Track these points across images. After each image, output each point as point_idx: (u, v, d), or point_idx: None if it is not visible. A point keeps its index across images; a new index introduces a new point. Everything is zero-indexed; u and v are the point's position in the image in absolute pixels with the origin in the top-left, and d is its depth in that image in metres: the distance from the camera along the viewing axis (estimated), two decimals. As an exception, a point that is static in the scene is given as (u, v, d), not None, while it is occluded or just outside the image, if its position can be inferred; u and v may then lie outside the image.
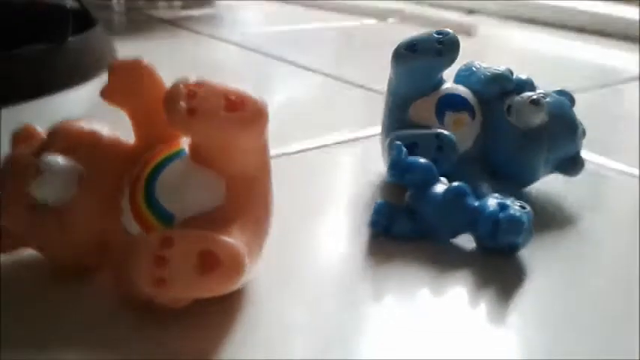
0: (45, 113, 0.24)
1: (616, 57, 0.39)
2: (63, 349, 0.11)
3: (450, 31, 0.17)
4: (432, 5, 0.51)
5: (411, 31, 0.43)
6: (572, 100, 0.18)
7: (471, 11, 0.50)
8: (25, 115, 0.23)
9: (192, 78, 0.12)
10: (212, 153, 0.12)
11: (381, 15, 0.46)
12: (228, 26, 0.44)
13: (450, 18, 0.46)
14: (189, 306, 0.12)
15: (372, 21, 0.46)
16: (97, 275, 0.13)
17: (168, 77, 0.31)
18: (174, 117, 0.11)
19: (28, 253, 0.13)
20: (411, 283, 0.14)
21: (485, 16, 0.49)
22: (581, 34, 0.44)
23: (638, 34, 0.42)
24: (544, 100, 0.17)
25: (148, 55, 0.36)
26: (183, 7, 0.44)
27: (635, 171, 0.20)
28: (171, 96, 0.11)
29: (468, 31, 0.34)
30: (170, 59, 0.34)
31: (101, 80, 0.27)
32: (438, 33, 0.17)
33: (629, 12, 0.44)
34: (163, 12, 0.44)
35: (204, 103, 0.11)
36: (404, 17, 0.46)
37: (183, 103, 0.11)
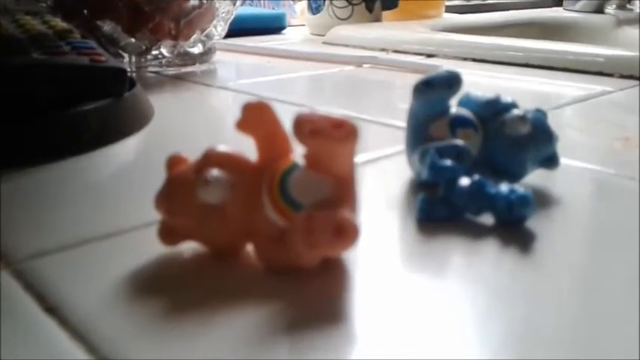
0: (112, 158, 0.29)
1: (556, 85, 0.46)
2: (227, 305, 0.16)
3: (456, 70, 0.23)
4: (397, 52, 0.58)
5: (384, 73, 0.49)
6: (545, 115, 0.24)
7: (430, 55, 0.57)
8: (97, 161, 0.28)
9: (308, 110, 0.17)
10: (322, 160, 0.17)
11: (357, 62, 0.53)
12: (224, 78, 0.49)
13: (415, 61, 0.52)
14: (311, 271, 0.17)
15: (350, 67, 0.52)
16: (242, 253, 0.18)
17: (193, 118, 0.37)
18: (301, 136, 0.16)
19: (188, 245, 0.18)
20: (451, 249, 0.19)
21: (443, 57, 0.56)
22: (526, 68, 0.51)
23: (574, 65, 0.49)
24: (528, 116, 0.23)
25: (170, 103, 0.42)
26: (184, 65, 0.49)
27: (588, 165, 0.27)
28: (298, 122, 0.16)
29: (435, 71, 0.41)
30: (186, 104, 0.39)
31: (148, 131, 0.31)
32: (447, 72, 0.23)
33: (568, 47, 0.52)
34: (166, 69, 0.49)
35: (320, 125, 0.17)
36: (376, 63, 0.52)
37: (306, 127, 0.16)
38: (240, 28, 0.62)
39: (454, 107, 0.24)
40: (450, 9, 0.98)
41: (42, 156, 0.26)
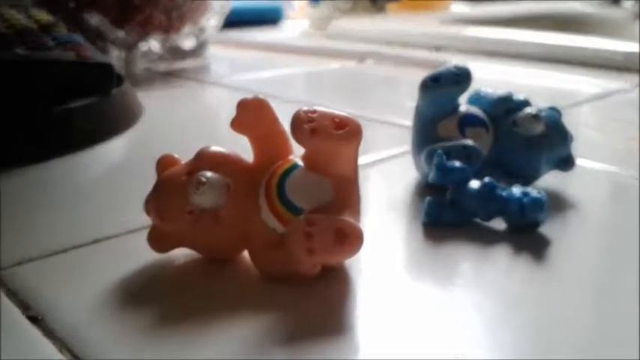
0: (99, 159, 0.29)
1: (572, 82, 0.46)
2: (221, 315, 0.16)
3: (466, 65, 0.23)
4: (403, 46, 0.58)
5: (389, 69, 0.49)
6: (560, 114, 0.24)
7: (438, 48, 0.57)
8: (84, 162, 0.27)
9: (307, 107, 0.17)
10: (323, 162, 0.17)
11: (360, 57, 0.53)
12: (218, 74, 0.49)
13: (421, 56, 0.52)
14: (311, 278, 0.17)
15: (352, 62, 0.52)
16: (238, 260, 0.18)
17: (185, 116, 0.36)
18: (299, 136, 0.16)
19: (180, 251, 0.18)
20: (459, 255, 0.19)
21: (451, 52, 0.56)
22: (540, 63, 0.51)
23: (591, 60, 0.49)
24: (541, 114, 0.23)
25: (160, 100, 0.42)
26: (176, 60, 0.49)
27: (605, 167, 0.27)
28: (297, 120, 0.16)
29: (443, 66, 0.41)
30: (177, 102, 0.39)
31: (137, 130, 0.31)
32: (456, 67, 0.23)
33: (585, 41, 0.52)
34: (156, 65, 0.49)
35: (321, 124, 0.16)
36: (380, 58, 0.52)
37: (306, 126, 0.16)
38: (234, 20, 0.63)
39: (463, 105, 0.24)
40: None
41: (26, 157, 0.26)
